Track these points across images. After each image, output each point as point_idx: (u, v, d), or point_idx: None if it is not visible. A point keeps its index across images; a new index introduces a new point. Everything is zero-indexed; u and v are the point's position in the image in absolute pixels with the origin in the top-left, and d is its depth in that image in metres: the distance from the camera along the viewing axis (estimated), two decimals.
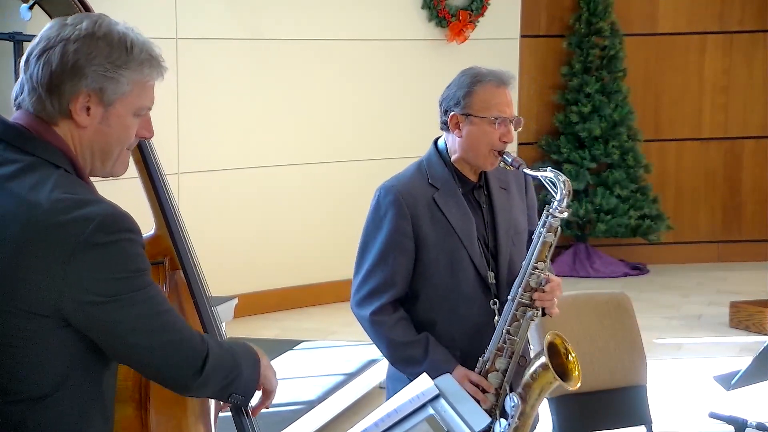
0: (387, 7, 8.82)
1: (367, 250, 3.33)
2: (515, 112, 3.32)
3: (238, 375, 2.25)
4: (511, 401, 3.16)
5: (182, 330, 2.16)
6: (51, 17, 2.47)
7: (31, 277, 2.03)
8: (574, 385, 3.19)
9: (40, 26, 2.52)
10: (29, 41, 2.22)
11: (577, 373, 3.19)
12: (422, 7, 8.98)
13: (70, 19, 2.15)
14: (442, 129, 3.34)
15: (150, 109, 2.23)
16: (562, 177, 3.21)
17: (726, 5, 10.30)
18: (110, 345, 2.11)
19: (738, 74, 10.39)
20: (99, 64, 2.10)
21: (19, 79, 2.15)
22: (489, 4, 9.13)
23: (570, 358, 3.20)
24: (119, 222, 2.07)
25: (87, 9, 2.50)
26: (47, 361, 2.09)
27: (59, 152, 2.12)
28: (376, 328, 3.31)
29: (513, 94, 3.36)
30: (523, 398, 3.17)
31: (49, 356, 2.08)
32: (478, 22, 9.12)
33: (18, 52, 5.78)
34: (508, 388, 3.23)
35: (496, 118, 3.23)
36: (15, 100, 2.16)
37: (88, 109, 2.12)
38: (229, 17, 8.09)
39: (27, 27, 5.81)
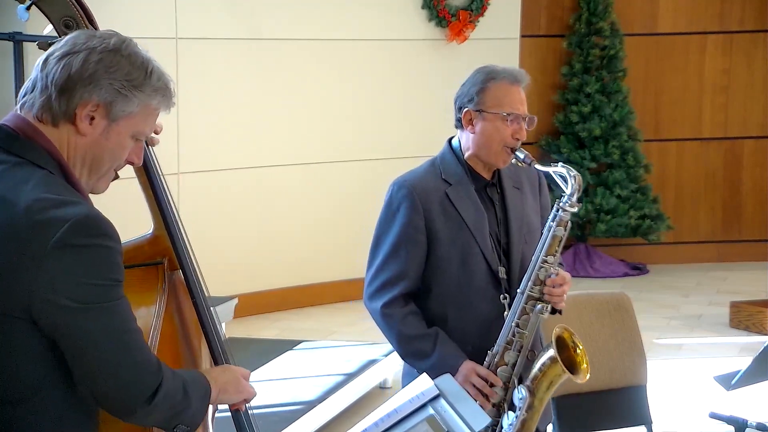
0: (387, 7, 8.82)
1: (380, 244, 3.35)
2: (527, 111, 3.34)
3: (186, 407, 2.20)
4: (520, 393, 3.18)
5: (144, 353, 2.13)
6: (48, 18, 2.48)
7: (5, 277, 2.02)
8: (583, 378, 3.20)
9: (39, 27, 2.52)
10: (29, 41, 2.25)
11: (585, 365, 3.20)
12: (422, 7, 8.98)
13: (99, 33, 2.19)
14: (456, 127, 3.37)
15: (147, 137, 2.27)
16: (573, 172, 3.24)
17: (726, 5, 10.30)
18: (71, 353, 2.07)
19: (738, 74, 10.39)
20: (116, 79, 2.13)
21: (31, 77, 2.16)
22: (489, 4, 9.14)
23: (578, 351, 3.21)
24: (96, 226, 2.05)
25: (84, 9, 2.50)
26: (22, 365, 2.07)
27: (46, 154, 2.12)
28: (387, 320, 3.33)
29: None
30: (532, 391, 3.18)
31: (23, 359, 2.07)
32: (478, 22, 9.13)
33: (18, 52, 5.76)
34: (516, 381, 3.24)
35: (508, 115, 3.27)
36: (21, 98, 2.17)
37: (92, 118, 2.14)
38: (229, 17, 8.09)
39: (27, 27, 5.80)
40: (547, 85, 9.98)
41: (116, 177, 2.28)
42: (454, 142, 3.39)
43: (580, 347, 3.21)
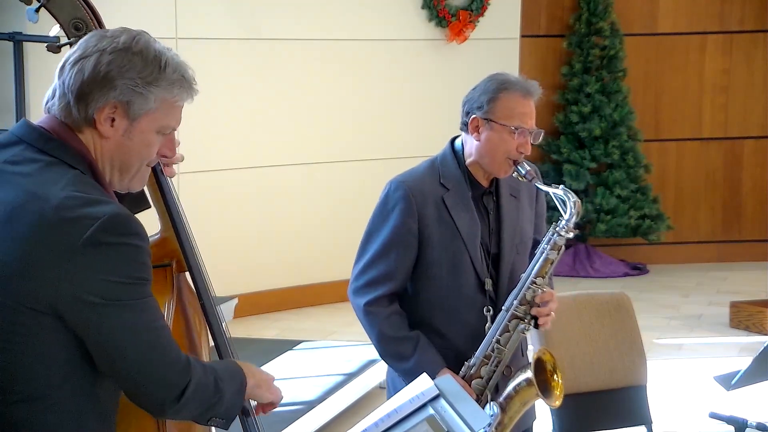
0: (387, 7, 8.82)
1: (371, 241, 3.33)
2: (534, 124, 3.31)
3: (218, 401, 2.21)
4: (491, 410, 3.16)
5: (172, 350, 2.14)
6: (57, 20, 2.49)
7: (34, 272, 2.04)
8: (553, 403, 3.20)
9: (45, 28, 2.52)
10: (29, 41, 2.25)
11: (558, 392, 3.20)
12: (422, 7, 8.98)
13: (109, 32, 2.18)
14: (461, 129, 3.34)
15: (175, 129, 2.26)
16: (573, 197, 3.21)
17: (726, 5, 10.30)
18: (97, 350, 2.09)
19: (738, 74, 10.39)
20: (130, 78, 2.13)
21: (53, 84, 2.18)
22: (489, 4, 9.13)
23: (555, 377, 3.21)
24: (126, 225, 2.07)
25: (93, 11, 2.50)
26: (44, 361, 2.08)
27: (78, 155, 2.14)
28: (370, 318, 3.32)
29: None
30: (503, 408, 3.18)
31: (46, 356, 2.08)
32: (478, 22, 9.12)
33: (18, 52, 5.76)
34: (489, 396, 3.23)
35: (516, 128, 3.22)
36: (46, 104, 2.18)
37: (113, 120, 2.15)
38: (229, 17, 8.09)
39: (27, 27, 5.80)
40: (547, 85, 9.86)
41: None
42: (457, 143, 3.36)
43: (558, 375, 3.20)
